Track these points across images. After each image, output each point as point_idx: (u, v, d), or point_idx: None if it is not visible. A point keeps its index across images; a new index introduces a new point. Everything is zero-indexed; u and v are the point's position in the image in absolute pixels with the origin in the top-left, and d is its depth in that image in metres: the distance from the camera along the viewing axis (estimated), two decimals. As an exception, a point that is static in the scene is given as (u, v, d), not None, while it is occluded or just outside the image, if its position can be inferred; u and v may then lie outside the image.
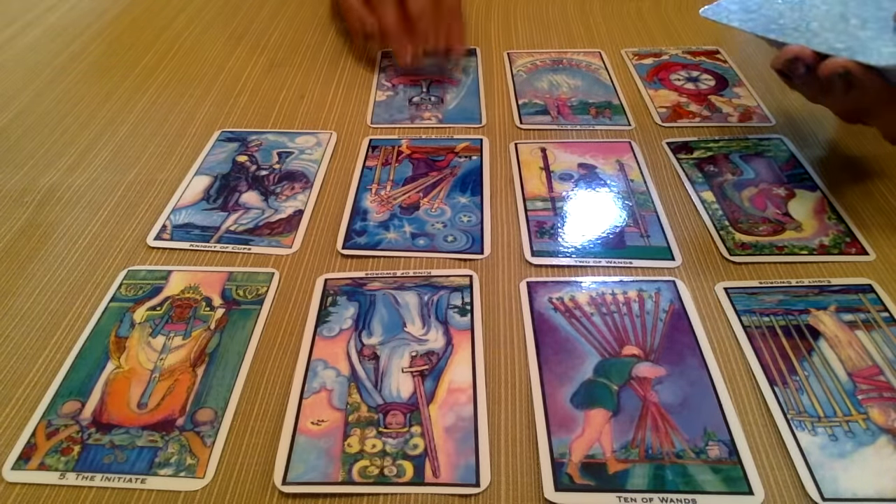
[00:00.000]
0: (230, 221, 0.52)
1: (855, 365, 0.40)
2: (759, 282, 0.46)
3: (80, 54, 0.76)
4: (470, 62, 0.73)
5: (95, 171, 0.58)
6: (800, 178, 0.55)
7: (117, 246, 0.51)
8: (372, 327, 0.44)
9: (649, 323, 0.43)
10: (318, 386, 0.40)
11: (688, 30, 0.78)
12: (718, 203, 0.53)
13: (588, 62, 0.72)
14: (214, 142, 0.61)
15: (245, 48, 0.77)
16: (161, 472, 0.36)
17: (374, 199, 0.54)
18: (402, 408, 0.39)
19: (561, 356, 0.41)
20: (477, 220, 0.52)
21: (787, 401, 0.38)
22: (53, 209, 0.54)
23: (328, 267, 0.48)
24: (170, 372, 0.41)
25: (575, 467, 0.36)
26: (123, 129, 0.63)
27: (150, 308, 0.45)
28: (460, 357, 0.41)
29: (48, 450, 0.37)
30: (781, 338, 0.42)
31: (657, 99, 0.66)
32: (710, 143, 0.59)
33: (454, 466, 0.36)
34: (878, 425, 0.37)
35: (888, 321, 0.43)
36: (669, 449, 0.36)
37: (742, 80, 0.68)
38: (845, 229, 0.50)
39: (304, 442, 0.37)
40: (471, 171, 0.57)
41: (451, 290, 0.46)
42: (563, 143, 0.60)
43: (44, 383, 0.41)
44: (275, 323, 0.44)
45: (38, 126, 0.64)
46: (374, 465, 0.36)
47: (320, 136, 0.62)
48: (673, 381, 0.40)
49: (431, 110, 0.65)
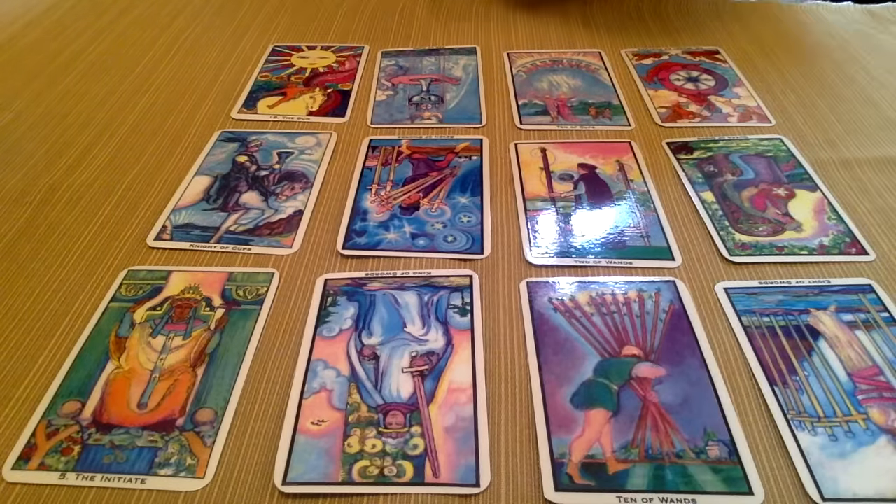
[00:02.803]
0: (230, 221, 0.52)
1: (855, 365, 0.40)
2: (759, 282, 0.46)
3: (80, 54, 0.76)
4: (470, 62, 0.73)
5: (95, 171, 0.58)
6: (800, 178, 0.55)
7: (117, 246, 0.51)
8: (372, 327, 0.44)
9: (649, 323, 0.43)
10: (318, 386, 0.40)
11: (688, 30, 0.78)
12: (718, 203, 0.53)
13: (588, 62, 0.72)
14: (214, 142, 0.61)
15: (245, 48, 0.77)
16: (161, 472, 0.36)
17: (374, 199, 0.54)
18: (402, 408, 0.39)
19: (561, 356, 0.41)
20: (477, 220, 0.52)
21: (787, 401, 0.38)
22: (53, 209, 0.54)
23: (328, 267, 0.48)
24: (170, 372, 0.41)
25: (575, 467, 0.36)
26: (123, 129, 0.63)
27: (150, 308, 0.45)
28: (460, 357, 0.41)
29: (48, 450, 0.37)
30: (781, 338, 0.42)
31: (657, 99, 0.66)
32: (710, 143, 0.59)
33: (454, 466, 0.36)
34: (878, 425, 0.37)
35: (888, 321, 0.43)
36: (669, 449, 0.36)
37: (742, 80, 0.68)
38: (845, 229, 0.50)
39: (304, 442, 0.37)
40: (471, 171, 0.57)
41: (451, 290, 0.46)
42: (563, 143, 0.60)
43: (44, 383, 0.41)
44: (275, 323, 0.44)
45: (38, 126, 0.64)
46: (374, 465, 0.36)
47: (320, 137, 0.62)
48: (673, 382, 0.40)
49: (431, 110, 0.65)
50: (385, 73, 0.72)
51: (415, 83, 0.70)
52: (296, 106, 0.67)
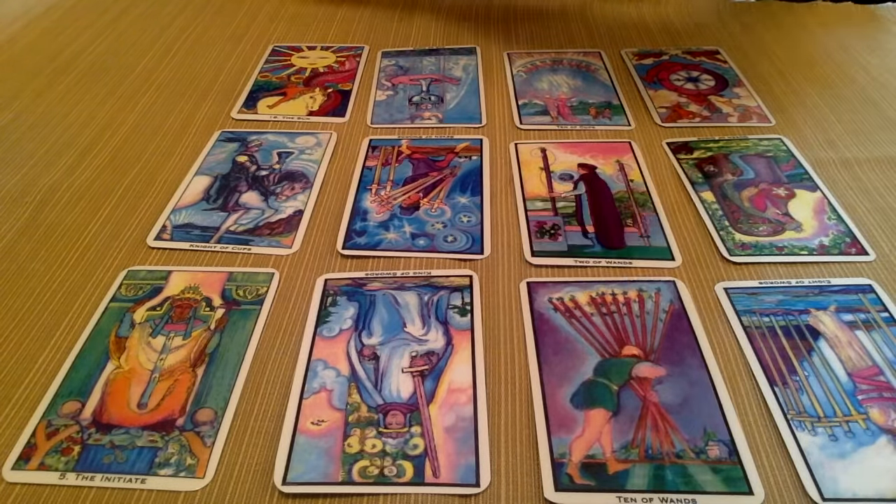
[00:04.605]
0: (230, 221, 0.52)
1: (855, 365, 0.40)
2: (759, 282, 0.46)
3: (79, 54, 0.76)
4: (470, 62, 0.73)
5: (95, 171, 0.58)
6: (800, 178, 0.55)
7: (117, 246, 0.51)
8: (372, 327, 0.44)
9: (649, 323, 0.43)
10: (318, 386, 0.40)
11: (688, 30, 0.78)
12: (718, 203, 0.53)
13: (588, 62, 0.72)
14: (214, 142, 0.61)
15: (245, 48, 0.77)
16: (161, 472, 0.36)
17: (374, 199, 0.54)
18: (402, 408, 0.39)
19: (561, 356, 0.41)
20: (477, 220, 0.52)
21: (787, 401, 0.38)
22: (53, 209, 0.54)
23: (328, 267, 0.48)
24: (170, 372, 0.41)
25: (575, 467, 0.36)
26: (123, 129, 0.63)
27: (150, 308, 0.45)
28: (460, 357, 0.41)
29: (48, 450, 0.37)
30: (781, 338, 0.42)
31: (657, 99, 0.66)
32: (710, 143, 0.59)
33: (454, 466, 0.36)
34: (878, 425, 0.37)
35: (888, 321, 0.43)
36: (669, 449, 0.36)
37: (742, 80, 0.68)
38: (845, 229, 0.50)
39: (304, 442, 0.37)
40: (471, 171, 0.57)
41: (451, 290, 0.46)
42: (563, 143, 0.60)
43: (44, 383, 0.41)
44: (275, 323, 0.44)
45: (38, 126, 0.64)
46: (374, 465, 0.36)
47: (320, 137, 0.62)
48: (673, 381, 0.40)
49: (431, 110, 0.65)
50: (385, 73, 0.72)
51: (415, 83, 0.70)
52: (296, 106, 0.67)
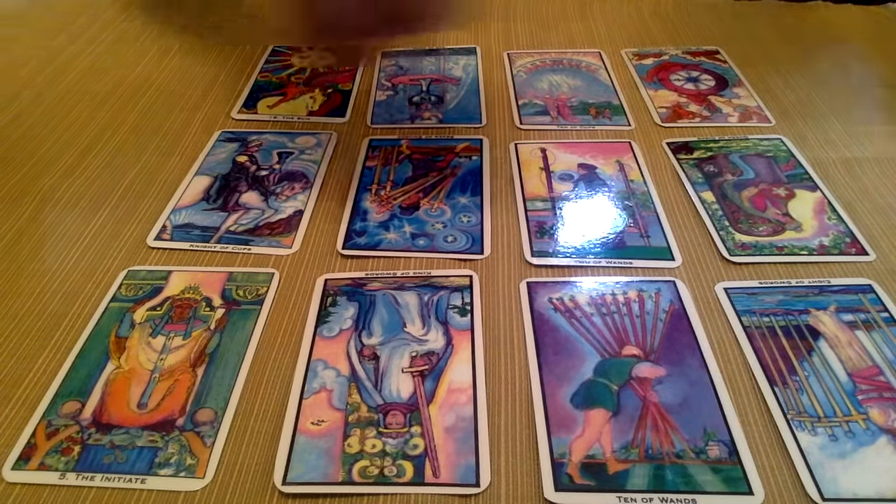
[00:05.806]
0: (230, 222, 0.52)
1: (855, 365, 0.40)
2: (759, 282, 0.46)
3: (80, 55, 0.76)
4: (470, 62, 0.73)
5: (95, 171, 0.58)
6: (800, 178, 0.55)
7: (117, 246, 0.51)
8: (372, 327, 0.44)
9: (649, 323, 0.43)
10: (318, 386, 0.40)
11: (688, 30, 0.78)
12: (718, 203, 0.53)
13: (588, 62, 0.72)
14: (214, 142, 0.61)
15: (245, 48, 0.77)
16: (161, 472, 0.36)
17: (374, 199, 0.54)
18: (402, 408, 0.39)
19: (561, 356, 0.41)
20: (477, 220, 0.52)
21: (787, 401, 0.38)
22: (53, 209, 0.54)
23: (328, 267, 0.48)
24: (170, 372, 0.41)
25: (575, 467, 0.36)
26: (123, 129, 0.63)
27: (150, 308, 0.45)
28: (460, 357, 0.41)
29: (48, 450, 0.37)
30: (781, 338, 0.42)
31: (657, 99, 0.66)
32: (710, 143, 0.59)
33: (454, 466, 0.36)
34: (877, 425, 0.37)
35: (888, 321, 0.43)
36: (669, 449, 0.36)
37: (742, 80, 0.68)
38: (845, 229, 0.50)
39: (304, 442, 0.37)
40: (471, 171, 0.57)
41: (451, 290, 0.46)
42: (563, 143, 0.60)
43: (44, 383, 0.41)
44: (275, 323, 0.44)
45: (38, 126, 0.64)
46: (374, 465, 0.36)
47: (320, 137, 0.62)
48: (673, 382, 0.40)
49: (431, 110, 0.65)
50: (385, 73, 0.72)
51: (415, 83, 0.70)
52: (296, 106, 0.67)
